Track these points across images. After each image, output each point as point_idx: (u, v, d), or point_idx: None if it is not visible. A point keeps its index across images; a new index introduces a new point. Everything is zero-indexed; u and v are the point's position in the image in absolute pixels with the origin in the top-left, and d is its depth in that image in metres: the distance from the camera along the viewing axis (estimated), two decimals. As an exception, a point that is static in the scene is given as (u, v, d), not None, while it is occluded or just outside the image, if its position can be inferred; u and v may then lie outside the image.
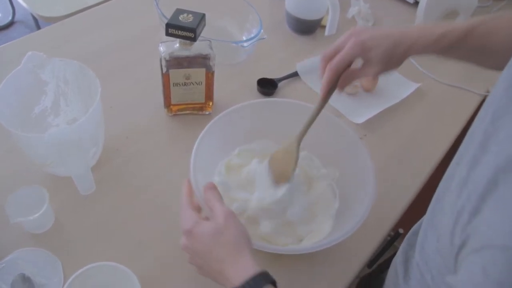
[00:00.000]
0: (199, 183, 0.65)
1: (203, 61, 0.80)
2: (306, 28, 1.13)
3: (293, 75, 1.00)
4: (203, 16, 0.76)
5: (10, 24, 2.66)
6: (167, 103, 0.86)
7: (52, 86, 0.76)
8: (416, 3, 1.22)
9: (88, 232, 0.70)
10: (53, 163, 0.69)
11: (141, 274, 0.60)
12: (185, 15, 0.75)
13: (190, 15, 0.75)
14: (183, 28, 0.73)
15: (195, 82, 0.83)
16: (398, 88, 1.00)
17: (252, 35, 0.97)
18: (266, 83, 0.97)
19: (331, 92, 0.65)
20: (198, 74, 0.82)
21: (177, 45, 0.77)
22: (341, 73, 0.64)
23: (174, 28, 0.74)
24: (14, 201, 0.65)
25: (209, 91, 0.86)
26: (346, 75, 0.64)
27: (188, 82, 0.82)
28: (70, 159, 0.65)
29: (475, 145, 0.47)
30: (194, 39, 0.75)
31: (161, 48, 0.78)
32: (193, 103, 0.87)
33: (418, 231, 0.62)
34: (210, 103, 0.89)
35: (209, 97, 0.87)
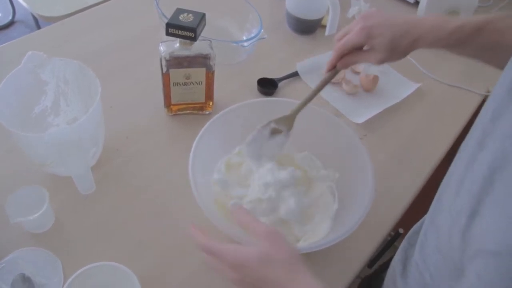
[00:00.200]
0: (198, 182, 0.65)
1: (203, 61, 0.80)
2: (306, 28, 1.13)
3: (293, 75, 1.00)
4: (203, 16, 0.76)
5: (10, 24, 2.66)
6: (167, 103, 0.86)
7: (52, 86, 0.76)
8: (417, 3, 1.22)
9: (88, 232, 0.70)
10: (53, 163, 0.69)
11: (141, 274, 0.60)
12: (185, 15, 0.75)
13: (190, 15, 0.75)
14: (183, 28, 0.73)
15: (195, 82, 0.83)
16: (398, 88, 1.00)
17: (252, 35, 0.97)
18: (266, 83, 0.97)
19: (332, 76, 0.69)
20: (198, 74, 0.82)
21: (177, 45, 0.77)
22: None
23: (174, 28, 0.74)
24: (14, 201, 0.65)
25: (209, 91, 0.86)
26: (349, 56, 0.67)
27: (188, 82, 0.82)
28: (70, 159, 0.65)
29: (473, 143, 0.47)
30: (194, 39, 0.75)
31: (161, 48, 0.78)
32: (193, 103, 0.87)
33: (419, 231, 0.62)
34: (210, 103, 0.89)
35: (209, 97, 0.87)
